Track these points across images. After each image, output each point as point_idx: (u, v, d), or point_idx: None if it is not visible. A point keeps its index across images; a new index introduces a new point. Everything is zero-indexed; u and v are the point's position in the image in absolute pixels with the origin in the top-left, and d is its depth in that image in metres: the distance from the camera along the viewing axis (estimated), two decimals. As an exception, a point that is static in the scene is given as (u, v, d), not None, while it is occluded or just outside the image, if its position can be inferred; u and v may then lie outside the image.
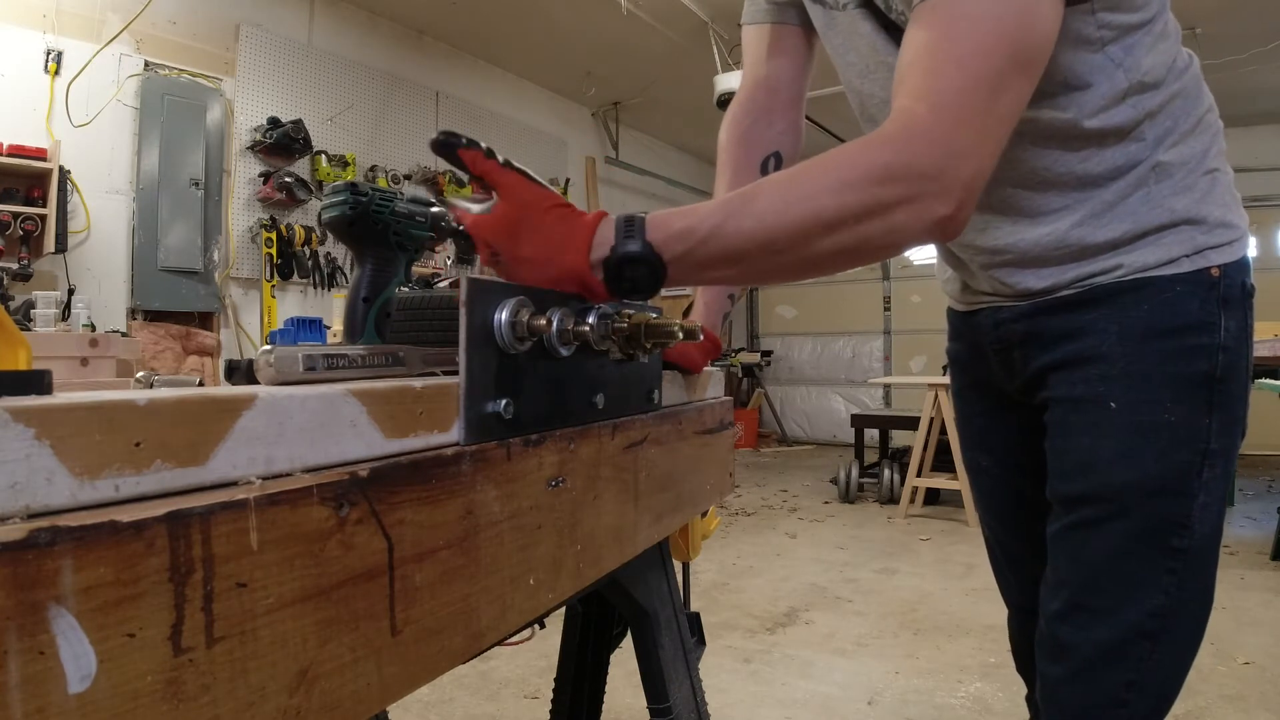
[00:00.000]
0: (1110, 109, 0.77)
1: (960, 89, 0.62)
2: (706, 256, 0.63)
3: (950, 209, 0.62)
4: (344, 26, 4.87)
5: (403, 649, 0.46)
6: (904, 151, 0.62)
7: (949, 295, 1.04)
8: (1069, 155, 0.80)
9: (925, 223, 0.62)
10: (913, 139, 0.62)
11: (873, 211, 0.61)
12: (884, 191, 0.61)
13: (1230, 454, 0.81)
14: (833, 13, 0.88)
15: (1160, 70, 0.78)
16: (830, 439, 8.18)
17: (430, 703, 2.16)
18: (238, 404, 0.39)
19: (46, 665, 0.29)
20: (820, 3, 0.90)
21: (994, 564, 1.09)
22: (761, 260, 0.63)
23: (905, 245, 0.65)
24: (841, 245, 0.62)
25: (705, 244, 0.63)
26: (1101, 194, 0.80)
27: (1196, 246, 0.79)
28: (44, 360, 0.55)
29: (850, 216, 0.61)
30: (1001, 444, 1.02)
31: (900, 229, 0.62)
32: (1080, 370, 0.83)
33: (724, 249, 0.63)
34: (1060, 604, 0.84)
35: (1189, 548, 0.79)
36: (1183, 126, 0.80)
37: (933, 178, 0.61)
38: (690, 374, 0.98)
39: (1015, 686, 2.25)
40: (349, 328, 0.70)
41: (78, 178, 3.59)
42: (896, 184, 0.61)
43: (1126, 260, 0.80)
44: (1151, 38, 0.77)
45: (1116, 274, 0.81)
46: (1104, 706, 0.81)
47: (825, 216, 0.61)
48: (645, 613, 0.93)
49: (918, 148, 0.62)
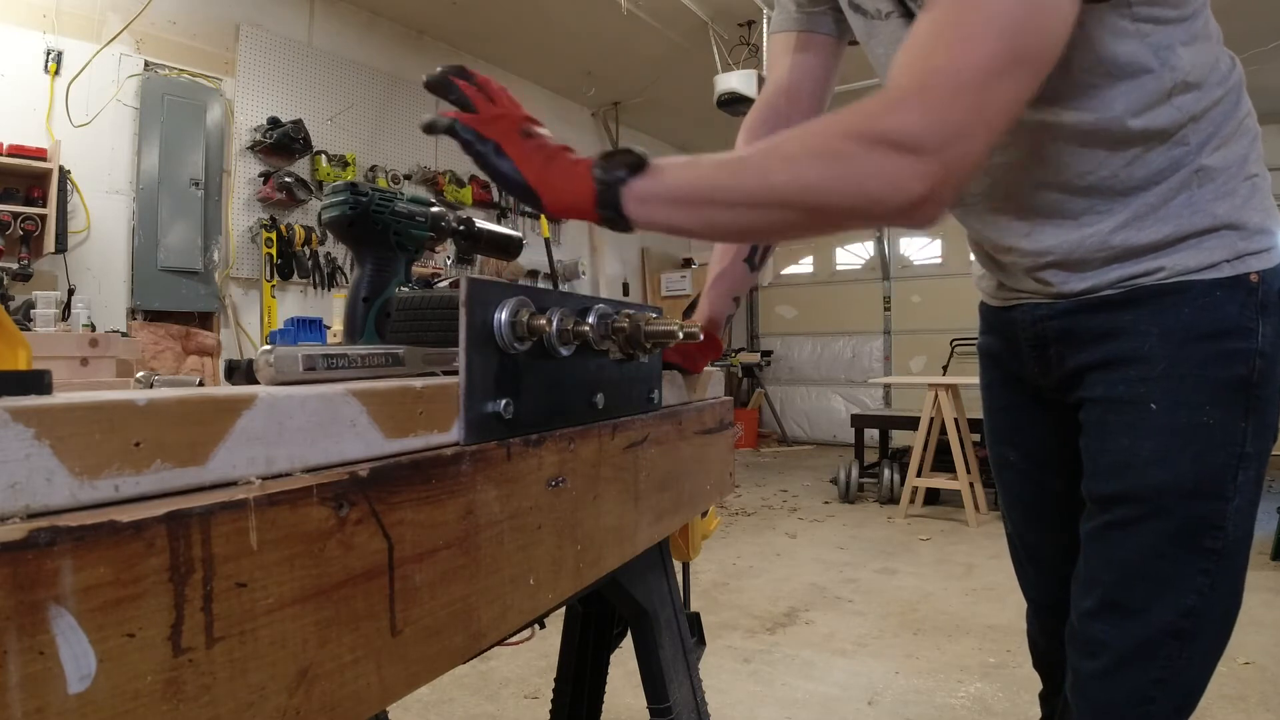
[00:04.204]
0: (1155, 108, 0.77)
1: (952, 69, 0.61)
2: (681, 181, 0.66)
3: (926, 187, 0.60)
4: (344, 26, 4.87)
5: (403, 649, 0.46)
6: (885, 118, 0.61)
7: (982, 292, 1.03)
8: (1114, 159, 0.80)
9: (900, 196, 0.61)
10: (896, 108, 0.61)
11: (845, 175, 0.61)
12: (858, 151, 0.61)
13: (1264, 457, 0.82)
14: (874, 22, 0.88)
15: (1202, 70, 0.78)
16: (830, 439, 8.17)
17: (430, 703, 2.16)
18: (238, 404, 0.39)
19: (46, 665, 0.29)
20: (862, 13, 0.90)
21: (1015, 559, 1.09)
22: (732, 209, 0.65)
23: (877, 215, 0.63)
24: (813, 202, 0.63)
25: (685, 168, 0.66)
26: (1145, 197, 0.80)
27: (1237, 252, 0.80)
28: (44, 360, 0.55)
29: (825, 178, 0.62)
30: (1031, 439, 1.03)
31: (872, 196, 0.61)
32: (1120, 371, 0.83)
33: (699, 183, 0.65)
34: (1094, 601, 0.85)
35: (1222, 549, 0.80)
36: (1225, 130, 0.80)
37: (910, 149, 0.60)
38: (690, 374, 0.98)
39: (1015, 687, 2.25)
40: (349, 328, 0.70)
41: (78, 178, 3.59)
42: (871, 147, 0.61)
43: (1168, 263, 0.81)
44: (1191, 35, 0.77)
45: (1158, 276, 0.81)
46: (1132, 703, 0.82)
47: (801, 175, 0.62)
48: (645, 613, 0.93)
49: (900, 116, 0.61)
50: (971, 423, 4.46)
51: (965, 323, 6.82)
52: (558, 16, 5.16)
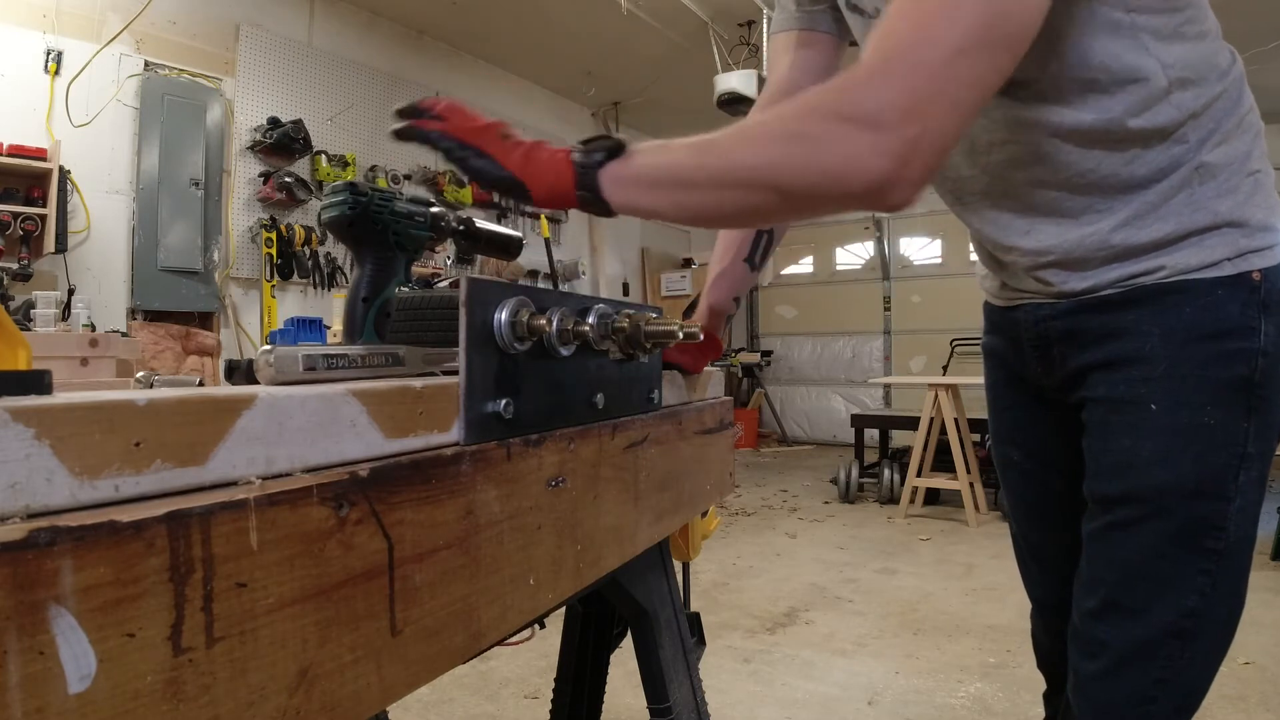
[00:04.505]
0: (1153, 107, 0.77)
1: (915, 45, 0.61)
2: (652, 163, 0.68)
3: (886, 164, 0.60)
4: (344, 26, 4.87)
5: (403, 649, 0.46)
6: (846, 95, 0.62)
7: (986, 291, 1.03)
8: (1113, 157, 0.79)
9: (859, 173, 0.60)
10: (857, 85, 0.62)
11: (806, 152, 0.62)
12: (819, 129, 0.61)
13: (1266, 458, 0.82)
14: (872, 22, 0.88)
15: (1201, 66, 0.78)
16: (830, 439, 8.17)
17: (430, 703, 2.16)
18: (238, 404, 0.39)
19: (46, 665, 0.29)
20: (859, 12, 0.90)
21: (1019, 558, 1.10)
22: (699, 190, 0.66)
23: (840, 195, 0.63)
24: (776, 181, 0.63)
25: (658, 151, 0.68)
26: (1145, 195, 0.80)
27: (1239, 250, 0.80)
28: (44, 360, 0.55)
29: (786, 155, 0.62)
30: (1035, 439, 1.03)
31: (831, 173, 0.61)
32: (1121, 371, 0.83)
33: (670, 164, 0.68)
34: (1095, 602, 0.85)
35: (1224, 550, 0.80)
36: (1225, 127, 0.80)
37: (870, 124, 0.60)
38: (690, 374, 0.98)
39: (1015, 687, 2.25)
40: (349, 328, 0.70)
41: (78, 178, 3.59)
42: (832, 124, 0.61)
43: (1169, 262, 0.80)
44: (1188, 31, 0.77)
45: (1159, 275, 0.81)
46: (1133, 703, 0.82)
47: (763, 153, 0.63)
48: (645, 613, 0.93)
49: (860, 92, 0.61)
50: (971, 423, 4.46)
51: (965, 323, 6.82)
52: (558, 16, 5.16)
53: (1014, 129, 0.81)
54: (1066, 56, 0.75)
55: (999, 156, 0.84)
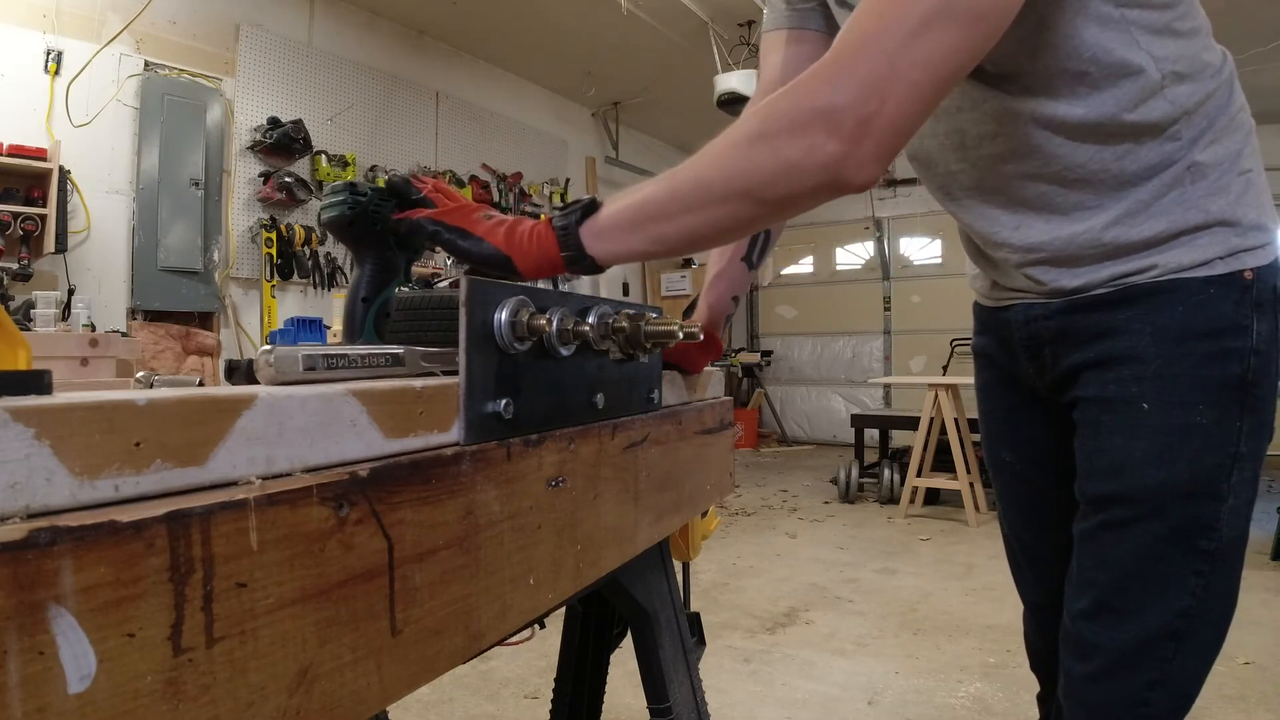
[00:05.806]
0: (1148, 101, 0.77)
1: (869, 30, 0.62)
2: (624, 206, 0.70)
3: (841, 145, 0.61)
4: (344, 26, 4.87)
5: (403, 649, 0.46)
6: (803, 86, 0.64)
7: (977, 292, 1.03)
8: (1105, 152, 0.79)
9: (816, 156, 0.62)
10: (815, 78, 0.64)
11: (767, 151, 0.64)
12: (777, 126, 0.63)
13: (1259, 457, 0.81)
14: None
15: (1193, 62, 0.78)
16: (830, 439, 8.17)
17: (430, 703, 2.16)
18: (238, 404, 0.39)
19: (46, 665, 0.29)
20: (849, 9, 0.90)
21: (1011, 560, 1.09)
22: (675, 219, 0.68)
23: (807, 186, 0.64)
24: (745, 186, 0.65)
25: (628, 194, 0.71)
26: (1137, 193, 0.80)
27: (1230, 249, 0.79)
28: (44, 360, 0.55)
29: (749, 158, 0.64)
30: (1026, 440, 1.02)
31: (791, 163, 0.63)
32: (1113, 370, 0.83)
33: (641, 203, 0.70)
34: (1087, 603, 0.84)
35: (1216, 550, 0.79)
36: (1218, 125, 0.80)
37: (822, 111, 0.62)
38: (690, 374, 0.98)
39: (1015, 687, 2.25)
40: (348, 328, 0.70)
41: (78, 178, 3.59)
42: (788, 119, 0.63)
43: (1161, 260, 0.80)
44: (1178, 25, 0.77)
45: (1151, 274, 0.81)
46: (1127, 705, 0.81)
47: (728, 163, 0.65)
48: (645, 613, 0.93)
49: (817, 83, 0.63)
50: (971, 423, 4.46)
51: (965, 323, 6.73)
52: (558, 16, 5.16)
53: (1004, 121, 0.81)
54: (1057, 48, 0.75)
55: (989, 150, 0.84)
